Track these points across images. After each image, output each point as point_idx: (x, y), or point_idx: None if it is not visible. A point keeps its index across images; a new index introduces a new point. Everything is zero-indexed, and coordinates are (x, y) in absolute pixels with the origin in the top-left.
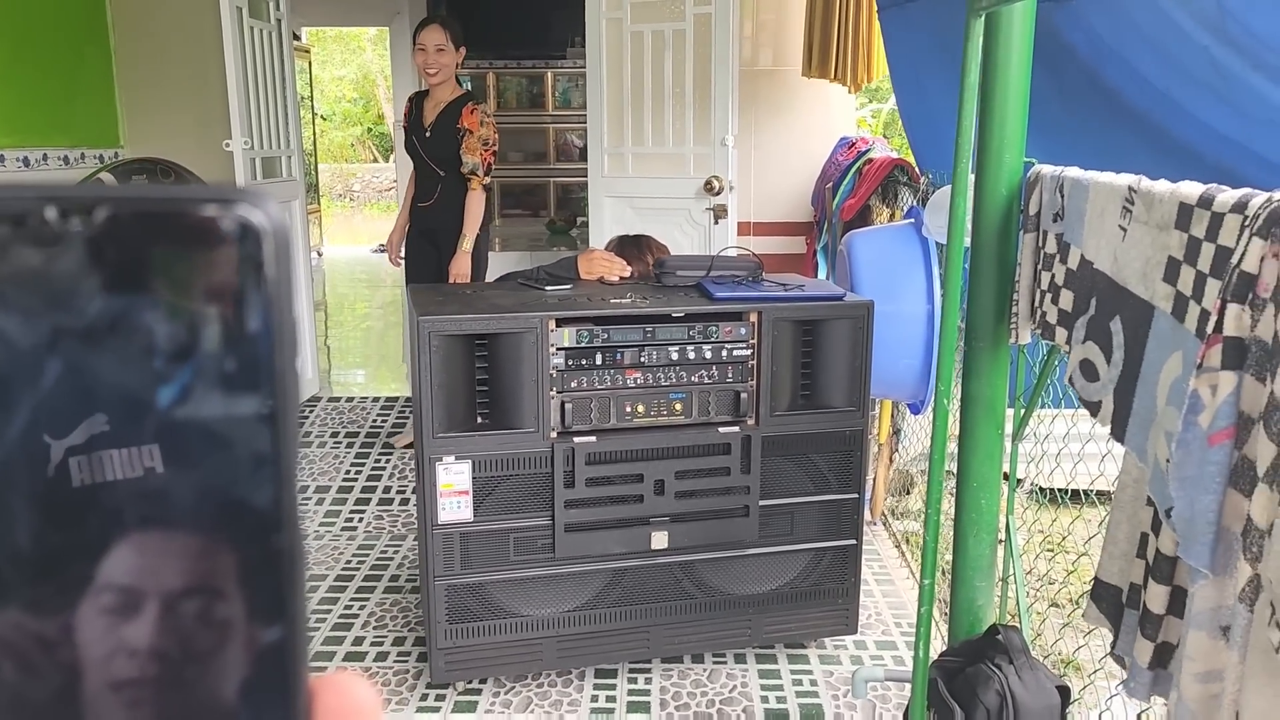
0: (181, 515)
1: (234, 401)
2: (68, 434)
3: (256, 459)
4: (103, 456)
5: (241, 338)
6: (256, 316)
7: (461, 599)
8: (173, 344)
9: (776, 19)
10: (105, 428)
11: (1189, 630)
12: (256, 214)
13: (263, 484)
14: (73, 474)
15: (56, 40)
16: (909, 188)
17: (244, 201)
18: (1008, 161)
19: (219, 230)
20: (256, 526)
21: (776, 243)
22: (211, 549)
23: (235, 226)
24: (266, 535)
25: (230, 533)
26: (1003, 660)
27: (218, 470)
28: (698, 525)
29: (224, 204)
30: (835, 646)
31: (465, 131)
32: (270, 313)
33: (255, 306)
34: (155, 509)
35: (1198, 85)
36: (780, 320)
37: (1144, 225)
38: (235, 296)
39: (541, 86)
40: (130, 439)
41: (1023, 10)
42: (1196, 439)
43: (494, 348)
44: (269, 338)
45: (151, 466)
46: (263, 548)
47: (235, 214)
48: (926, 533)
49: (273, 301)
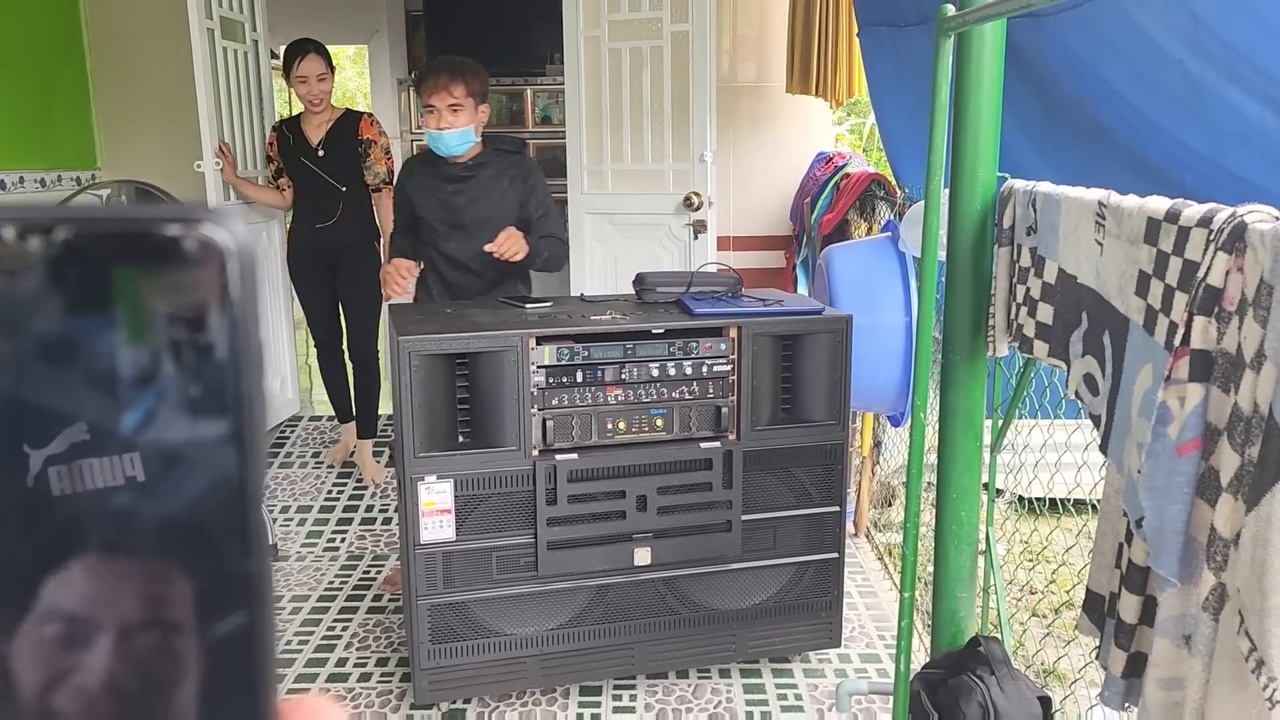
0: (146, 540)
1: (199, 425)
2: (46, 444)
3: (222, 483)
4: (81, 466)
5: (207, 360)
6: (222, 338)
7: (445, 618)
8: (137, 367)
9: (757, 34)
10: (85, 437)
11: (1155, 638)
12: (221, 233)
13: (229, 508)
14: (53, 484)
15: (33, 63)
16: (886, 202)
17: (208, 221)
18: (981, 176)
19: (182, 250)
20: (223, 551)
21: (756, 257)
22: (177, 574)
23: (199, 247)
24: (234, 560)
25: (196, 558)
26: (984, 671)
27: (182, 495)
28: (680, 541)
29: (187, 224)
30: (819, 660)
31: (369, 143)
32: (236, 334)
33: (221, 328)
34: (119, 531)
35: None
36: (760, 335)
37: (1116, 239)
38: (200, 318)
39: (521, 103)
40: (101, 455)
41: (993, 29)
42: (1165, 450)
43: (475, 366)
44: (235, 360)
45: (118, 484)
46: (230, 572)
47: (199, 234)
48: (906, 545)
49: (239, 323)
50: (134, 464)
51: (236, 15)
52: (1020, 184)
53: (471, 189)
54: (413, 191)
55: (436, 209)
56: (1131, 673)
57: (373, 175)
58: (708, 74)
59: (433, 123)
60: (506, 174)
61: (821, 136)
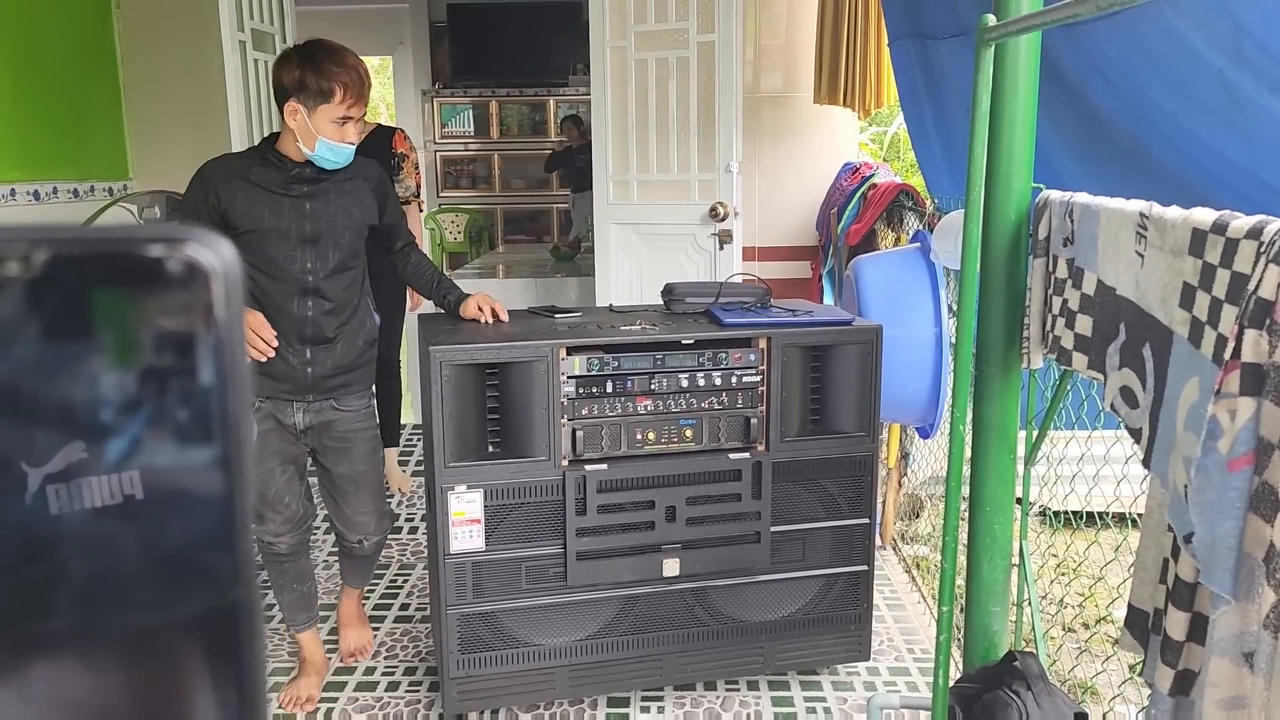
0: (134, 566)
1: (184, 449)
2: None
3: (208, 509)
4: (80, 485)
5: (191, 383)
6: (207, 360)
7: (473, 628)
8: (121, 390)
9: (783, 44)
10: (82, 455)
11: (1211, 657)
12: (205, 254)
13: (215, 536)
14: (50, 502)
15: (66, 75)
16: (914, 212)
17: (192, 241)
18: (1016, 187)
19: (166, 272)
20: (212, 581)
21: (781, 267)
22: (164, 603)
23: (183, 267)
24: (222, 588)
25: (183, 587)
26: (1020, 687)
27: (166, 524)
28: (709, 552)
29: (171, 244)
30: (848, 673)
31: (402, 156)
32: (221, 356)
33: (206, 349)
34: (110, 555)
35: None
36: (789, 346)
37: (1159, 251)
38: (184, 340)
39: (543, 114)
40: (98, 474)
41: (1029, 39)
42: (1216, 465)
43: (505, 376)
44: (220, 382)
45: (114, 504)
46: (217, 600)
47: (183, 254)
48: (944, 559)
49: (224, 344)
50: (132, 483)
51: (267, 27)
52: (1056, 195)
53: (328, 194)
54: (234, 198)
55: (279, 218)
56: (1179, 690)
57: (404, 189)
58: (734, 84)
59: (350, 135)
60: (361, 174)
61: (847, 147)
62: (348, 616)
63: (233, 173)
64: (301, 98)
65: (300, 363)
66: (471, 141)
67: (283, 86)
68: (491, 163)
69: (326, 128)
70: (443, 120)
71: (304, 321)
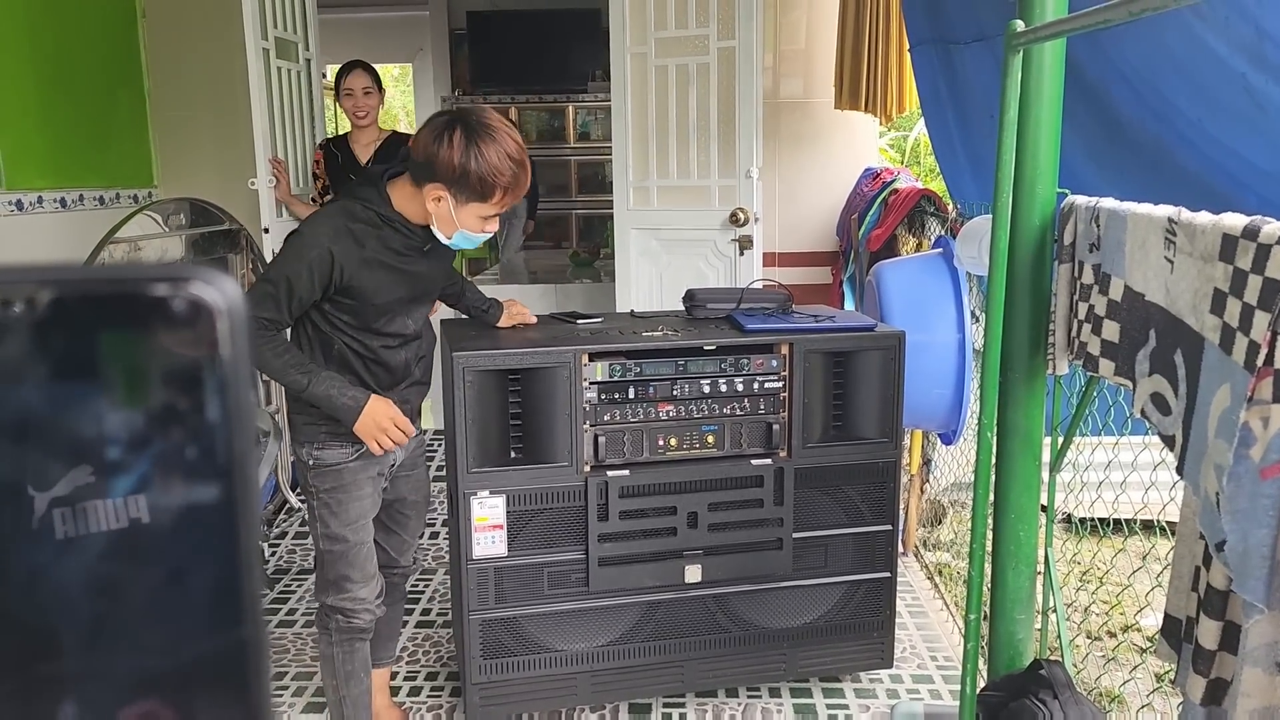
0: (140, 614)
1: (192, 491)
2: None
3: (214, 548)
4: (86, 509)
5: (197, 422)
6: (213, 399)
7: (495, 634)
8: (128, 430)
9: (803, 50)
10: (87, 483)
11: (1244, 666)
12: (210, 292)
13: (221, 574)
14: (56, 526)
15: (93, 83)
16: (936, 218)
17: (197, 280)
18: (1040, 193)
19: (171, 311)
20: (218, 619)
21: (802, 273)
22: (169, 640)
23: (187, 306)
24: (229, 627)
25: (189, 627)
26: (1047, 695)
27: (171, 563)
28: (731, 558)
29: (175, 283)
30: (871, 680)
31: None
32: (227, 395)
33: (212, 389)
34: (111, 597)
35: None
36: (811, 352)
37: (1189, 257)
38: (190, 379)
39: (563, 120)
40: (100, 515)
41: (1054, 46)
42: (1248, 472)
43: (527, 382)
44: (226, 419)
45: (115, 545)
46: (225, 640)
47: (187, 293)
48: (971, 567)
49: (229, 383)
50: (136, 524)
51: (290, 36)
52: (1082, 200)
53: (436, 252)
54: (359, 269)
55: (399, 287)
56: (1212, 699)
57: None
58: (754, 90)
59: (491, 225)
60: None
61: (867, 152)
62: (386, 710)
63: (358, 248)
64: (455, 189)
65: (401, 404)
66: None
67: (433, 166)
68: None
69: (471, 222)
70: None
71: (404, 369)
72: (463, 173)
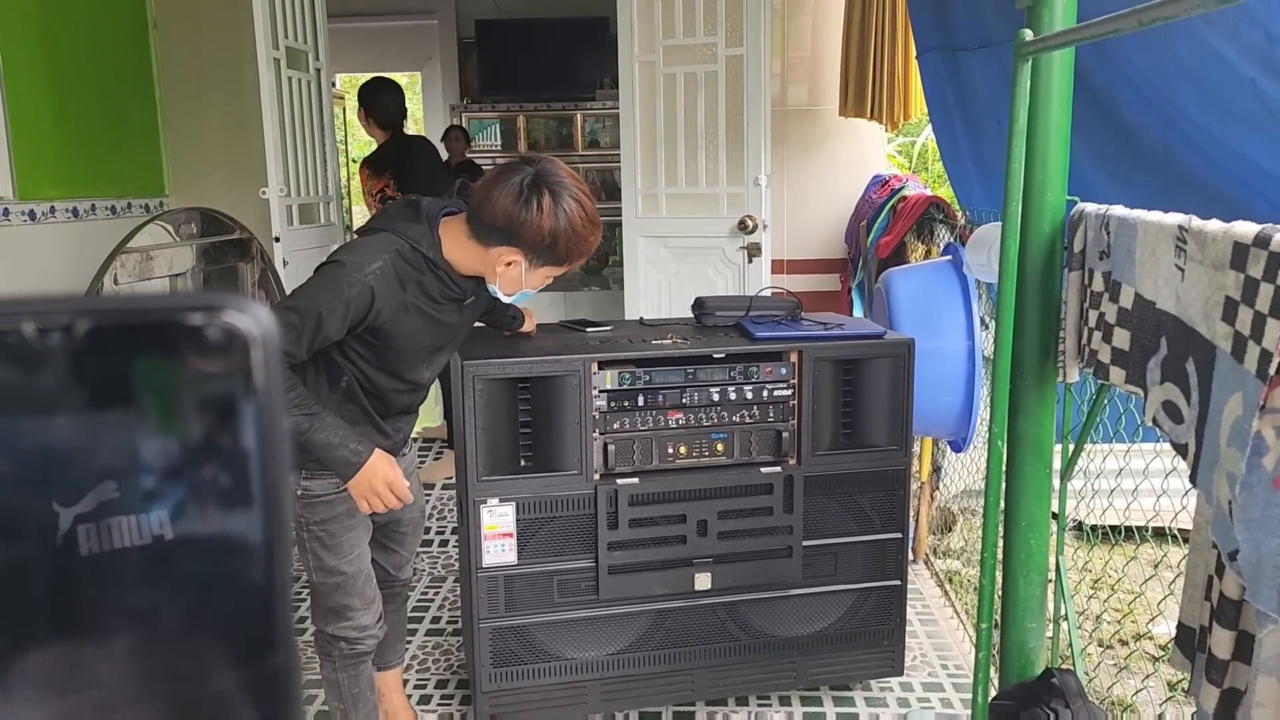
0: (169, 635)
1: (224, 518)
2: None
3: (247, 579)
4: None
5: (232, 450)
6: (247, 427)
7: (505, 642)
8: (161, 458)
9: (809, 57)
10: (112, 499)
11: (1258, 676)
12: (244, 320)
13: (255, 604)
14: (81, 545)
15: (105, 94)
16: (945, 225)
17: (230, 308)
18: (1050, 200)
19: (205, 339)
20: (249, 647)
21: (810, 280)
22: (203, 671)
23: (221, 335)
24: (261, 655)
25: (222, 654)
26: (1059, 704)
27: (205, 592)
28: (741, 566)
29: (209, 311)
30: (881, 688)
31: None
32: (261, 422)
33: (246, 417)
34: (140, 622)
35: (1240, 120)
36: (821, 359)
37: (1199, 264)
38: (224, 407)
39: (570, 128)
40: (131, 546)
41: (1063, 55)
42: (1261, 481)
43: (537, 390)
44: (260, 449)
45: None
46: (256, 668)
47: (221, 321)
48: (983, 576)
49: (263, 410)
50: (164, 566)
51: (300, 45)
52: (1092, 207)
53: (473, 303)
54: (395, 313)
55: (428, 336)
56: (1225, 709)
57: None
58: (762, 97)
59: (549, 282)
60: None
61: (875, 159)
62: (403, 710)
63: (400, 290)
64: (534, 255)
65: (394, 432)
66: (499, 155)
67: (515, 233)
68: None
69: (538, 281)
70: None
71: (406, 406)
72: (550, 242)
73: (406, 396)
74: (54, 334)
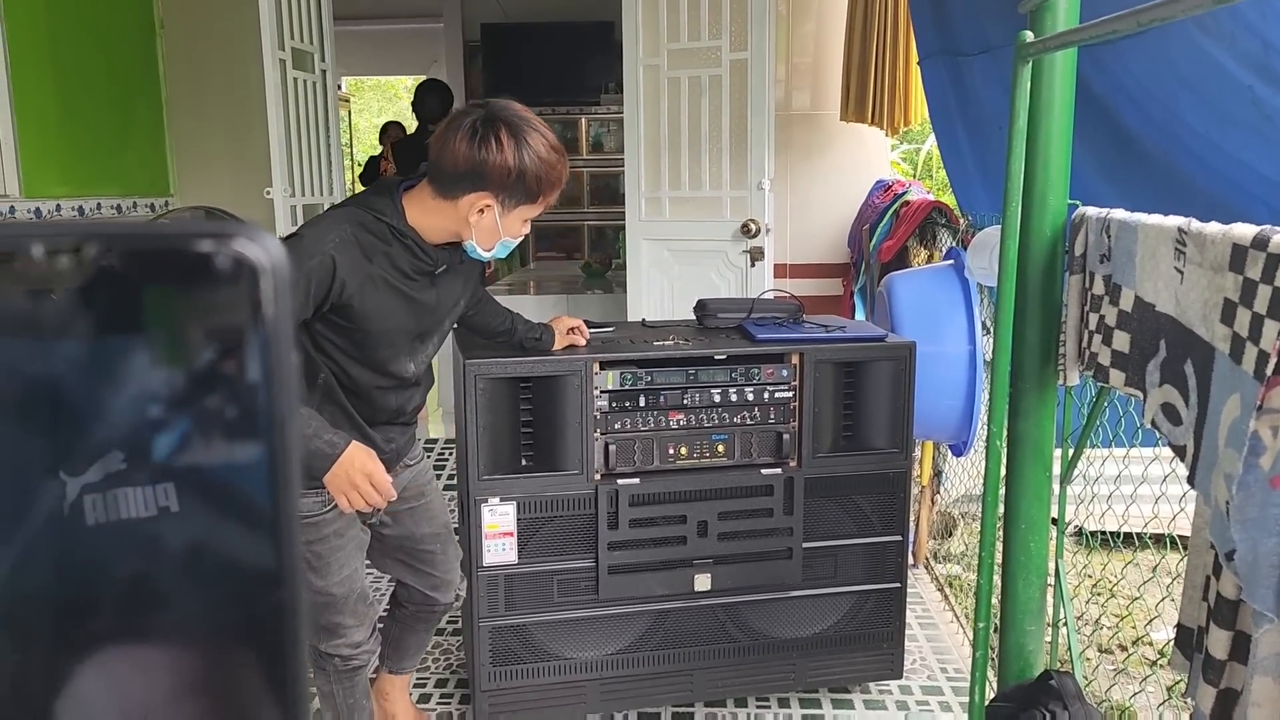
0: (175, 572)
1: (230, 449)
2: (83, 472)
3: (253, 510)
4: (117, 495)
5: (239, 380)
6: (255, 358)
7: (505, 641)
8: (167, 387)
9: (812, 63)
10: (122, 465)
11: (1254, 676)
12: (254, 249)
13: (260, 537)
14: (87, 512)
15: (111, 93)
16: (948, 229)
17: (241, 236)
18: (1051, 204)
19: (214, 267)
20: (255, 581)
21: (813, 284)
22: (209, 605)
23: (231, 263)
24: (265, 590)
25: (228, 588)
26: (1057, 706)
27: (211, 523)
28: (741, 567)
29: (219, 239)
30: (880, 691)
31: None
32: (269, 354)
33: (254, 347)
34: (150, 562)
35: (1238, 127)
36: (822, 361)
37: (1198, 267)
38: (233, 337)
39: (575, 131)
40: (136, 485)
41: (1064, 57)
42: (1258, 481)
43: (538, 390)
44: (268, 380)
45: (151, 514)
46: (261, 603)
47: (232, 250)
48: (980, 576)
49: (272, 342)
50: (168, 494)
51: (306, 46)
52: (1093, 211)
53: (447, 278)
54: (362, 285)
55: (404, 316)
56: (1222, 710)
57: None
58: (766, 102)
59: (527, 228)
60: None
61: (878, 164)
62: (403, 713)
63: (364, 262)
64: (505, 195)
65: (384, 443)
66: None
67: (482, 174)
68: None
69: (515, 227)
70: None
71: (395, 411)
72: (518, 175)
73: (393, 396)
74: (61, 257)
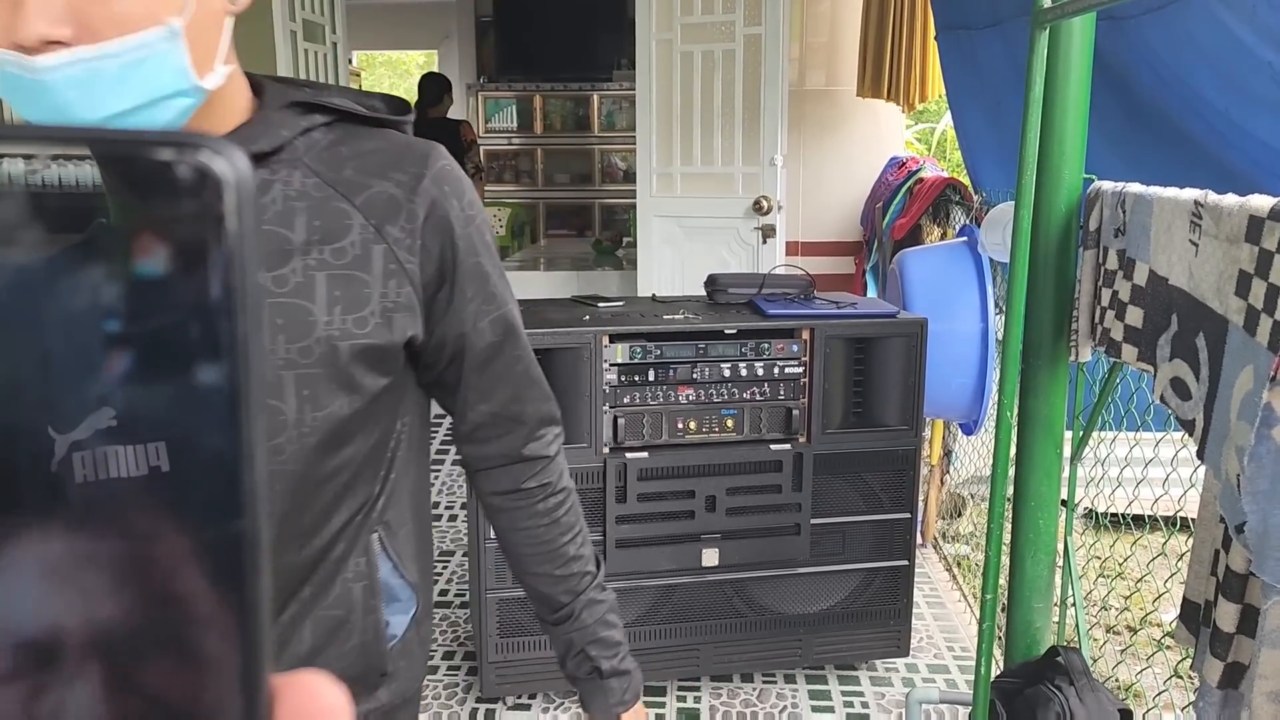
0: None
1: (189, 372)
2: (73, 428)
3: (214, 435)
4: (106, 454)
5: (198, 299)
6: (216, 276)
7: (512, 613)
8: (121, 304)
9: (827, 40)
10: (112, 423)
11: (1262, 648)
12: (218, 161)
13: (219, 463)
14: (76, 470)
15: None
16: (961, 207)
17: (205, 148)
18: (1067, 178)
19: (174, 177)
20: (215, 510)
21: (825, 262)
22: (166, 533)
23: (192, 174)
24: (226, 520)
25: (186, 516)
26: (1063, 682)
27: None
28: (749, 543)
29: (181, 149)
30: (886, 668)
31: (471, 143)
32: (231, 272)
33: (215, 265)
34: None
35: (1257, 103)
36: (833, 337)
37: (1214, 239)
38: (192, 252)
39: (587, 109)
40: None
41: (1082, 25)
42: (1270, 453)
43: (547, 363)
44: (229, 300)
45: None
46: (222, 534)
47: (194, 160)
48: (988, 547)
49: (234, 260)
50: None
51: (317, 18)
52: (1108, 185)
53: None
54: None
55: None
56: (1228, 683)
57: (472, 169)
58: (779, 77)
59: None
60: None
61: (892, 141)
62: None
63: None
64: None
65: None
66: (515, 136)
67: None
68: (535, 157)
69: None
70: (487, 115)
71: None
72: None
73: None
74: (17, 162)
